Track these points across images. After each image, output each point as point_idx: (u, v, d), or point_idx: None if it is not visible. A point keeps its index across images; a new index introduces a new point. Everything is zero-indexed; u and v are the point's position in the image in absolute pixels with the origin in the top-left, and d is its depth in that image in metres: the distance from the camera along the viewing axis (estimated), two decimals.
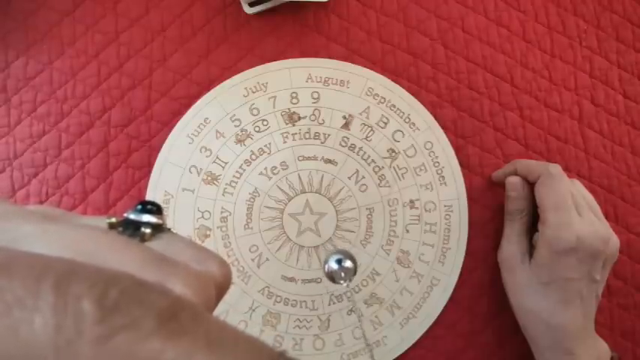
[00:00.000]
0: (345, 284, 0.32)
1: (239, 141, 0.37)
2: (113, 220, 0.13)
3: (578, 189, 0.34)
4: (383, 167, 0.37)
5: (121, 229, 0.13)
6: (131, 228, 0.13)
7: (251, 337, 0.11)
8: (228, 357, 0.10)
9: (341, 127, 0.38)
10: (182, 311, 0.10)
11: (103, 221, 0.13)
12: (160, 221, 0.14)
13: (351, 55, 0.38)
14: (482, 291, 0.37)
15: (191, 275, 0.12)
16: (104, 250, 0.11)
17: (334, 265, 0.32)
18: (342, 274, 0.32)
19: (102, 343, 0.09)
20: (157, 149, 0.37)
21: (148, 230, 0.13)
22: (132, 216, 0.14)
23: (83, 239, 0.12)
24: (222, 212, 0.37)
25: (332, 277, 0.33)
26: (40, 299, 0.09)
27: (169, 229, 0.14)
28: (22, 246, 0.11)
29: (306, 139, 0.37)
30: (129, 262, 0.11)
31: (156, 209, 0.14)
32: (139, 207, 0.14)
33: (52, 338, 0.09)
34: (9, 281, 0.09)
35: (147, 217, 0.14)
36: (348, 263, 0.32)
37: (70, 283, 0.09)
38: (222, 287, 0.14)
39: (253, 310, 0.36)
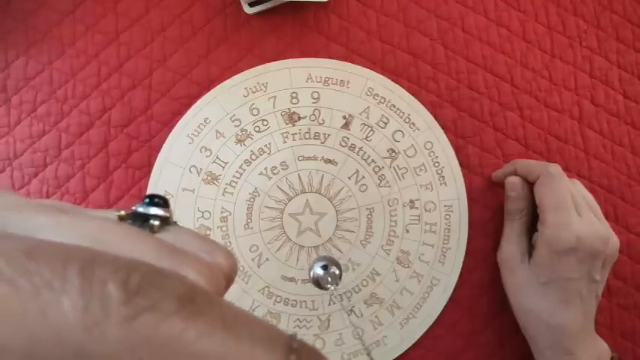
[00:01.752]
0: (331, 288, 0.32)
1: (239, 141, 0.37)
2: (122, 212, 0.14)
3: (578, 189, 0.34)
4: (383, 167, 0.37)
5: (130, 221, 0.14)
6: (139, 221, 0.14)
7: (264, 321, 0.11)
8: (245, 337, 0.10)
9: (341, 127, 0.38)
10: (198, 296, 0.10)
11: (112, 214, 0.14)
12: (167, 214, 0.14)
13: (351, 55, 0.38)
14: (482, 291, 0.37)
15: (202, 265, 0.12)
16: (119, 239, 0.12)
17: (320, 271, 0.33)
18: (329, 279, 0.32)
19: (127, 323, 0.09)
20: (157, 149, 0.37)
21: (156, 222, 0.14)
22: (140, 209, 0.14)
23: (97, 229, 0.12)
24: (222, 212, 0.37)
25: (318, 282, 0.33)
26: (67, 282, 0.09)
27: (175, 222, 0.14)
28: (38, 236, 0.11)
29: (306, 139, 0.37)
30: (144, 251, 0.12)
31: (163, 202, 0.14)
32: (147, 200, 0.14)
33: (81, 319, 0.09)
34: (37, 265, 0.09)
35: (154, 210, 0.14)
36: (333, 269, 0.33)
37: (94, 268, 0.10)
38: (229, 278, 0.14)
39: (253, 310, 0.36)
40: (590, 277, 0.31)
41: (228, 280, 0.14)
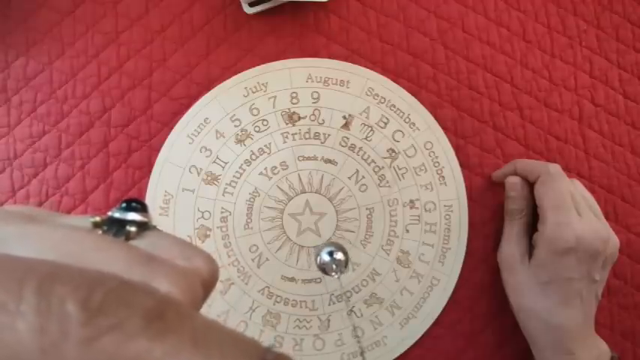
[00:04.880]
0: (336, 276, 0.32)
1: (239, 141, 0.37)
2: (97, 218, 0.13)
3: (577, 189, 0.34)
4: (383, 167, 0.37)
5: (105, 227, 0.13)
6: (116, 226, 0.13)
7: (238, 334, 0.11)
8: (215, 354, 0.10)
9: (341, 127, 0.38)
10: (168, 311, 0.10)
11: (87, 220, 0.13)
12: (145, 219, 0.14)
13: (351, 55, 0.38)
14: (482, 291, 0.37)
15: (177, 273, 0.12)
16: (88, 250, 0.11)
17: (326, 257, 0.33)
18: (334, 266, 0.32)
19: (88, 345, 0.09)
20: (157, 149, 0.37)
21: (133, 228, 0.13)
22: (116, 214, 0.13)
23: (66, 240, 0.11)
24: (222, 212, 0.37)
25: (324, 269, 0.33)
26: (23, 303, 0.09)
27: (155, 227, 0.14)
28: (2, 249, 0.11)
29: (306, 139, 0.37)
30: (114, 262, 0.11)
31: (141, 207, 0.14)
32: (124, 205, 0.13)
33: (37, 341, 0.08)
34: None
35: (132, 215, 0.13)
36: (339, 255, 0.33)
37: (53, 285, 0.09)
38: (209, 284, 0.13)
39: (253, 311, 0.36)
40: (590, 277, 0.31)
41: (208, 287, 0.13)
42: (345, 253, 0.33)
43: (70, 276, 0.10)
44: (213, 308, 0.36)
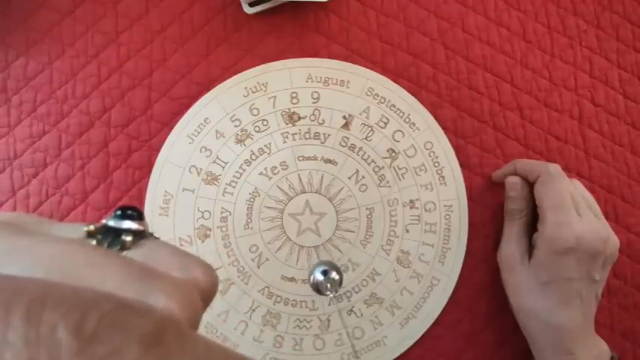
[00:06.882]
0: (330, 295, 0.32)
1: (239, 141, 0.37)
2: (92, 227, 0.13)
3: (577, 189, 0.34)
4: (383, 167, 0.37)
5: (99, 237, 0.12)
6: (111, 236, 0.12)
7: (239, 355, 0.10)
8: None
9: (341, 127, 0.38)
10: (167, 333, 0.09)
11: (80, 230, 0.12)
12: (142, 227, 0.13)
13: (351, 55, 0.38)
14: (482, 291, 0.37)
15: (174, 286, 0.11)
16: (81, 266, 0.11)
17: (320, 277, 0.33)
18: (328, 285, 0.32)
19: None
20: (157, 149, 0.37)
21: (128, 238, 0.12)
22: (111, 222, 0.13)
23: (58, 255, 0.11)
24: (222, 212, 0.37)
25: (317, 288, 0.33)
26: (10, 330, 0.08)
27: (151, 234, 0.13)
28: None
29: (306, 139, 0.37)
30: (108, 278, 0.11)
31: (137, 215, 0.13)
32: (119, 213, 0.13)
33: None
34: None
35: (127, 224, 0.13)
36: (333, 274, 0.33)
37: (43, 309, 0.08)
38: (208, 294, 0.13)
39: (253, 311, 0.36)
40: (589, 277, 0.31)
41: (207, 297, 0.13)
42: (339, 273, 0.33)
43: (61, 298, 0.09)
44: (213, 308, 0.36)
